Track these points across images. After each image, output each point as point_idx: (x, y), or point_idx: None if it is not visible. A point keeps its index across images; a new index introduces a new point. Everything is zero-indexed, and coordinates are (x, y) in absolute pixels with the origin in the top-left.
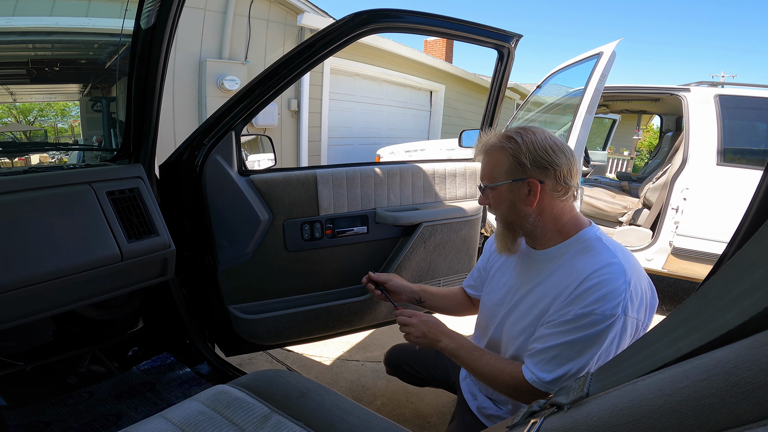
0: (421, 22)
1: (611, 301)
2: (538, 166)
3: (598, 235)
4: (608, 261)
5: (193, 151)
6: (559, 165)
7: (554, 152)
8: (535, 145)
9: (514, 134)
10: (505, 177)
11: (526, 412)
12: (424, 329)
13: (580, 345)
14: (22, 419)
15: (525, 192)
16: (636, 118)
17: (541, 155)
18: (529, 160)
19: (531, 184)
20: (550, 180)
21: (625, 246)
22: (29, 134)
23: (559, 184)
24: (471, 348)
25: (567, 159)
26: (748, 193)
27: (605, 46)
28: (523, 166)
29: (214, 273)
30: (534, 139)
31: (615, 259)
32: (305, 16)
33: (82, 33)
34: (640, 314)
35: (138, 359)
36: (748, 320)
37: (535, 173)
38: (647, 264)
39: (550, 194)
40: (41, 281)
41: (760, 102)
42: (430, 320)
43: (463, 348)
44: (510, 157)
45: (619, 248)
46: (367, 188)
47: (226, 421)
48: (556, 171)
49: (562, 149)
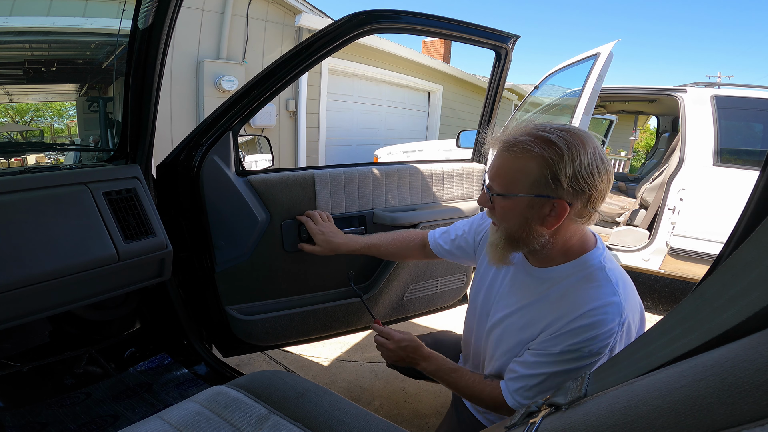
0: (419, 23)
1: (601, 341)
2: (575, 188)
3: (602, 262)
4: (608, 300)
5: (190, 151)
6: (598, 190)
7: (599, 174)
8: (582, 162)
9: (557, 138)
10: (528, 189)
11: (524, 412)
12: (402, 354)
13: (563, 376)
14: (18, 420)
15: (546, 212)
16: (633, 118)
17: (584, 176)
18: (568, 179)
19: (557, 205)
20: (580, 204)
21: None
22: (26, 134)
23: (587, 209)
24: (449, 370)
25: (607, 183)
26: (744, 193)
27: (602, 47)
28: (557, 183)
29: (212, 274)
30: (583, 153)
31: (615, 297)
32: (303, 17)
33: (79, 33)
34: None
35: (135, 360)
36: (745, 320)
37: (568, 195)
38: (644, 264)
39: (572, 218)
40: (38, 282)
41: (756, 103)
42: (409, 345)
43: (441, 370)
44: (545, 168)
45: (621, 279)
46: (365, 189)
47: (223, 422)
48: (591, 195)
49: (607, 169)
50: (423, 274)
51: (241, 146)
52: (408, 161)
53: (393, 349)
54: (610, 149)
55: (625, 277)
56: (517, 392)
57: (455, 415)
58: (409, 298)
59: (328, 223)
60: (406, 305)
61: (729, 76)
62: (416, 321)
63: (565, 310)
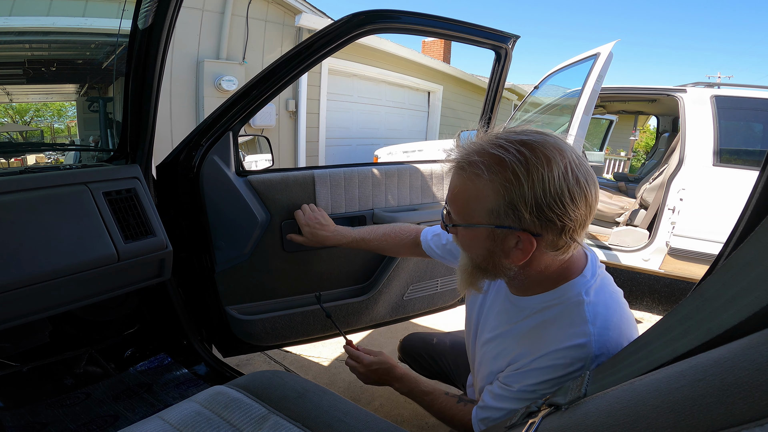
0: (419, 23)
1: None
2: (542, 219)
3: (582, 296)
4: (575, 342)
5: (190, 151)
6: (572, 219)
7: (572, 200)
8: (545, 188)
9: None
10: (486, 219)
11: (524, 412)
12: (374, 377)
13: None
14: (18, 420)
15: (511, 244)
16: (633, 118)
17: (550, 204)
18: (530, 209)
19: (523, 238)
20: (551, 235)
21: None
22: (26, 134)
23: (562, 239)
24: (422, 393)
25: (586, 207)
26: (744, 193)
27: (602, 47)
28: (518, 213)
29: (212, 274)
30: (546, 175)
31: (584, 339)
32: (303, 17)
33: (79, 33)
34: None
35: (135, 360)
36: (745, 320)
37: (534, 226)
38: (644, 264)
39: (545, 250)
40: (37, 282)
41: (756, 103)
42: (380, 368)
43: (414, 392)
44: (499, 195)
45: (602, 316)
46: (365, 189)
47: (223, 422)
48: (564, 226)
49: (585, 192)
50: (423, 274)
51: (241, 146)
52: (408, 161)
53: (363, 372)
54: (610, 149)
55: (613, 312)
56: (483, 422)
57: None
58: (409, 298)
59: (317, 214)
60: (406, 305)
61: (729, 76)
62: (416, 321)
63: (529, 348)
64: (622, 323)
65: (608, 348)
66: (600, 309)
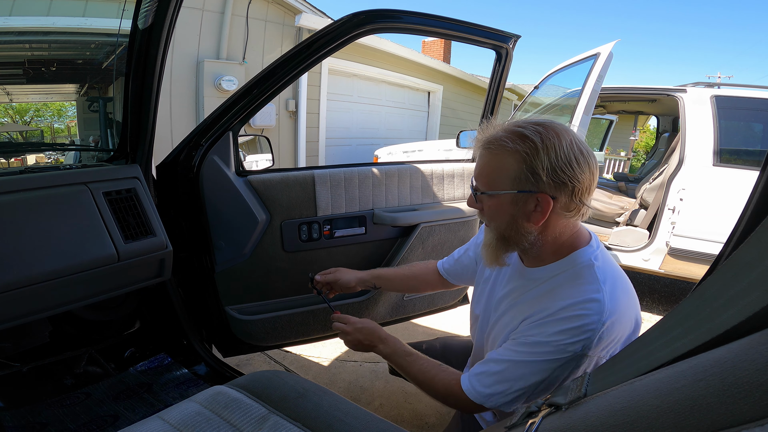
0: (420, 23)
1: (575, 338)
2: (556, 181)
3: (591, 260)
4: (589, 297)
5: (190, 151)
6: (580, 181)
7: (578, 165)
8: (557, 154)
9: (531, 132)
10: (510, 186)
11: (524, 412)
12: (360, 337)
13: (525, 369)
14: (18, 420)
15: (531, 207)
16: (633, 118)
17: (562, 167)
18: (546, 172)
19: (541, 199)
20: (564, 197)
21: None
22: (26, 134)
23: (573, 202)
24: (404, 353)
25: (590, 173)
26: (744, 193)
27: (602, 47)
28: (536, 177)
29: (212, 274)
30: (557, 144)
31: (598, 294)
32: (303, 17)
33: (79, 33)
34: (606, 352)
35: (135, 360)
36: (745, 320)
37: (550, 188)
38: (644, 264)
39: (560, 213)
40: (38, 282)
41: (756, 103)
42: (365, 327)
43: (397, 353)
44: (521, 162)
45: (612, 278)
46: (365, 189)
47: (223, 422)
48: (574, 188)
49: (587, 160)
50: None
51: (241, 146)
52: (408, 161)
53: (350, 332)
54: (610, 149)
55: (619, 277)
56: (477, 376)
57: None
58: (409, 298)
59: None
60: (406, 305)
61: (729, 76)
62: (416, 321)
63: (545, 305)
64: (628, 288)
65: (619, 308)
66: (609, 272)
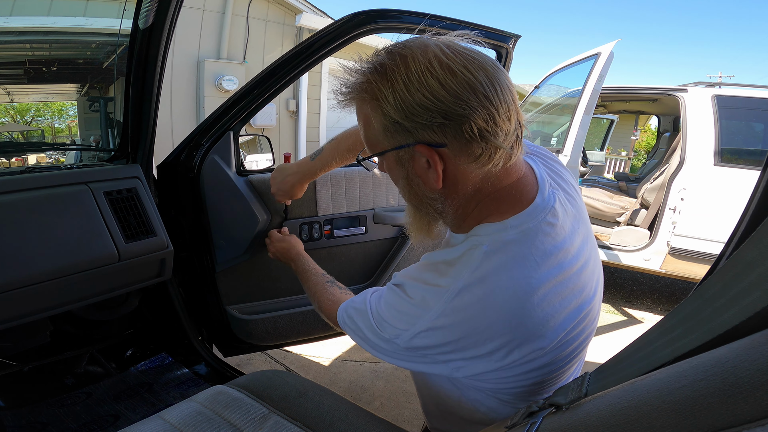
0: (420, 23)
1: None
2: (423, 124)
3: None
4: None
5: (191, 151)
6: (464, 111)
7: (446, 89)
8: (407, 84)
9: (378, 65)
10: (384, 142)
11: (524, 411)
12: (277, 253)
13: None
14: (19, 420)
15: (422, 164)
16: (634, 118)
17: (420, 101)
18: (403, 114)
19: (423, 152)
20: (455, 140)
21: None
22: (26, 134)
23: (473, 143)
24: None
25: (480, 93)
26: (745, 193)
27: (603, 47)
28: (402, 126)
29: (212, 273)
30: (405, 70)
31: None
32: (304, 17)
33: (79, 33)
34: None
35: (136, 360)
36: (746, 320)
37: (423, 134)
38: (645, 264)
39: (464, 163)
40: (38, 282)
41: (757, 102)
42: (281, 246)
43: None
44: (376, 110)
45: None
46: (366, 188)
47: (224, 421)
48: (461, 125)
49: (466, 78)
50: None
51: (242, 146)
52: None
53: (270, 245)
54: (610, 149)
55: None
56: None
57: None
58: None
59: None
60: None
61: (730, 76)
62: None
63: None
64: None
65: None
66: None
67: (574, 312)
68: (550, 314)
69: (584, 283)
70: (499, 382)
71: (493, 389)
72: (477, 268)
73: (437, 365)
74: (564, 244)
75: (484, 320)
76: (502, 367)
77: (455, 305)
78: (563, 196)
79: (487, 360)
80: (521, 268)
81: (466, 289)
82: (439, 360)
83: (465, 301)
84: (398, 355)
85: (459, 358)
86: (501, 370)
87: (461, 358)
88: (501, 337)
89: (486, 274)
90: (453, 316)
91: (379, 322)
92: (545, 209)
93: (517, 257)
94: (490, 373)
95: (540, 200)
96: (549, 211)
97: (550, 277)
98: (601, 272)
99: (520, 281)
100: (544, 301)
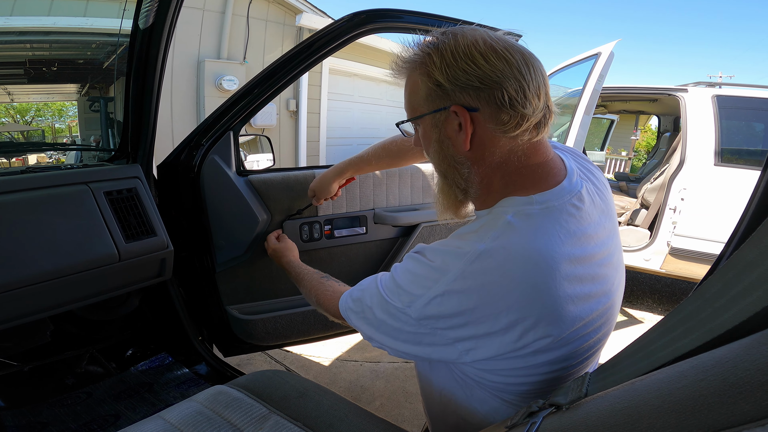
0: (421, 22)
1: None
2: (462, 85)
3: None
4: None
5: (191, 151)
6: (498, 79)
7: (486, 59)
8: (454, 53)
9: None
10: (425, 106)
11: (524, 411)
12: (272, 254)
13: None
14: (19, 420)
15: (454, 126)
16: (634, 118)
17: (463, 67)
18: (446, 77)
19: (458, 113)
20: (487, 106)
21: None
22: (27, 134)
23: (503, 110)
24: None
25: (515, 68)
26: (745, 193)
27: (603, 47)
28: (441, 87)
29: (213, 273)
30: (454, 43)
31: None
32: (304, 17)
33: (80, 33)
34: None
35: (136, 360)
36: (746, 320)
37: (461, 96)
38: (645, 264)
39: (492, 129)
40: (39, 281)
41: (757, 102)
42: (276, 251)
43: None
44: (424, 75)
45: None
46: (366, 189)
47: (224, 421)
48: (494, 91)
49: (504, 55)
50: None
51: (242, 146)
52: None
53: (267, 248)
54: (611, 149)
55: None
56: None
57: None
58: None
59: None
60: None
61: (730, 76)
62: None
63: None
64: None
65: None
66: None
67: (593, 303)
68: (568, 295)
69: (606, 276)
70: (509, 375)
71: (500, 386)
72: (500, 235)
73: (446, 348)
74: (588, 229)
75: (501, 288)
76: (514, 350)
77: (474, 269)
78: (592, 187)
79: (500, 339)
80: (545, 240)
81: (486, 253)
82: (449, 338)
83: (485, 265)
84: (406, 333)
85: (471, 336)
86: (513, 356)
87: (473, 336)
88: (517, 311)
89: (509, 241)
90: (471, 279)
91: (391, 292)
92: (572, 192)
93: (541, 229)
94: (501, 360)
95: (567, 184)
96: (575, 195)
97: (573, 257)
98: (623, 273)
99: (543, 253)
100: (565, 280)
